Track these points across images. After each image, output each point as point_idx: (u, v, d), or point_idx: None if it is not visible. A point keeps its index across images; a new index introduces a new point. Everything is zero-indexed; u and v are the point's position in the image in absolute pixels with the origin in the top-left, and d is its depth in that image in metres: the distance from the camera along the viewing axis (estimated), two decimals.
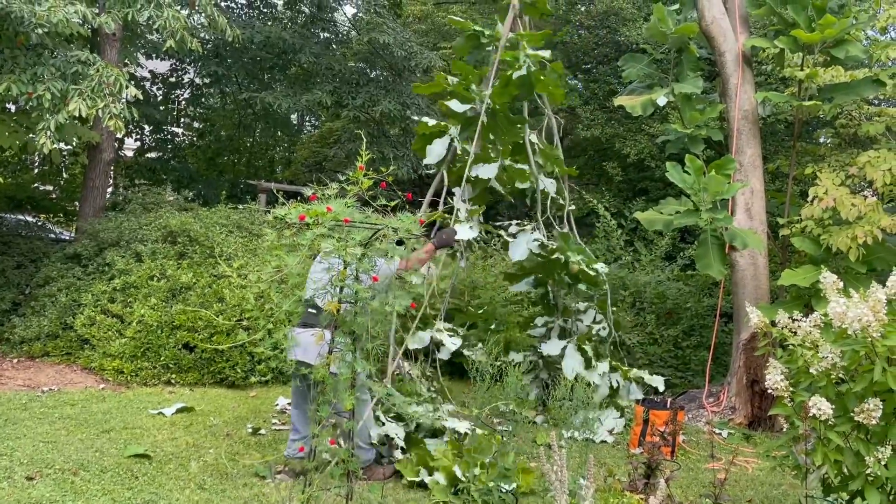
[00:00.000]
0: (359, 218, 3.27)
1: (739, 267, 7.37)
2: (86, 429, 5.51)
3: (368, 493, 3.84)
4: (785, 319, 3.80)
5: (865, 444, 3.48)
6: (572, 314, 7.14)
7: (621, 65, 8.34)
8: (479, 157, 6.39)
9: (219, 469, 4.77)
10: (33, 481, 4.35)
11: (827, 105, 7.30)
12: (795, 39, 7.17)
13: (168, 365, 7.29)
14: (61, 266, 8.72)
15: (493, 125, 6.47)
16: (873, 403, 3.42)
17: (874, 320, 3.35)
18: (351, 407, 3.16)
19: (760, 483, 5.34)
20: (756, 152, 7.61)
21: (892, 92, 7.45)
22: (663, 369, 8.48)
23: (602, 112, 13.69)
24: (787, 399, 3.72)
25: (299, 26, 14.37)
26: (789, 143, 9.66)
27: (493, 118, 6.41)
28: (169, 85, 15.34)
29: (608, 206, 11.85)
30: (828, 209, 6.53)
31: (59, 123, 7.12)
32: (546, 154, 7.01)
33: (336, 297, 3.23)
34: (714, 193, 6.74)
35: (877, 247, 6.42)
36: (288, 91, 13.33)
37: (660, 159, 12.15)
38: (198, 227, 8.50)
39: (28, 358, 7.90)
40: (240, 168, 17.20)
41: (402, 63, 13.51)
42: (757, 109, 7.75)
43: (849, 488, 3.54)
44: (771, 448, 5.68)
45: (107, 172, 10.33)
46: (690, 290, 9.60)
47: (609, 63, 14.09)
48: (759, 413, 7.08)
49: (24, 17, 6.91)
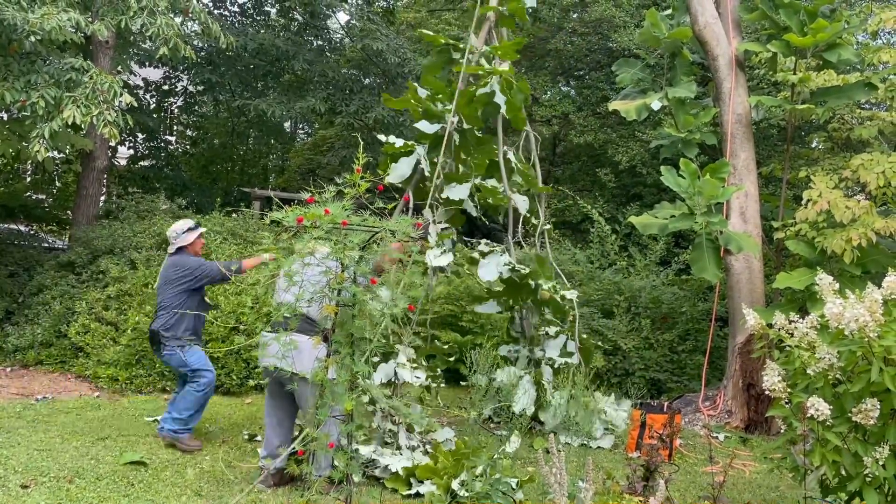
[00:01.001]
0: (356, 221, 3.27)
1: (734, 270, 7.39)
2: (81, 437, 5.47)
3: (367, 497, 3.82)
4: (782, 321, 3.80)
5: (863, 444, 3.49)
6: (541, 341, 6.73)
7: (615, 70, 8.36)
8: (450, 176, 6.13)
9: (215, 475, 4.75)
10: (28, 489, 4.31)
11: (820, 109, 7.34)
12: (788, 43, 7.22)
13: (163, 372, 7.25)
14: (55, 274, 8.68)
15: (465, 143, 6.23)
16: (871, 404, 3.42)
17: (871, 321, 3.36)
18: (350, 408, 3.15)
19: (758, 486, 5.34)
20: (750, 156, 7.65)
21: (883, 95, 7.49)
22: (659, 374, 8.49)
23: (595, 118, 13.73)
24: (785, 401, 3.73)
25: (292, 33, 14.38)
26: (782, 147, 9.71)
27: (464, 136, 6.19)
28: (162, 93, 15.31)
29: (602, 212, 11.87)
30: (822, 212, 6.55)
31: (53, 131, 7.11)
32: (522, 172, 6.74)
33: (334, 300, 3.22)
34: (709, 197, 6.75)
35: (871, 249, 6.45)
36: (281, 98, 13.32)
37: (652, 166, 12.19)
38: None
39: (22, 366, 7.85)
40: (233, 176, 17.18)
41: (396, 70, 13.53)
42: (750, 113, 7.79)
43: (847, 489, 3.54)
44: (768, 450, 5.68)
45: (100, 180, 10.30)
46: (686, 294, 9.62)
47: (602, 69, 14.15)
48: (755, 416, 7.09)
49: (18, 24, 6.90)
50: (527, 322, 6.77)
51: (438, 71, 6.36)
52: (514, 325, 6.89)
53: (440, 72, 6.40)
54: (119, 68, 10.09)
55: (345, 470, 3.25)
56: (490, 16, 6.57)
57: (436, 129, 6.10)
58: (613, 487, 3.97)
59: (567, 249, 11.15)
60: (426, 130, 6.06)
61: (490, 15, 6.56)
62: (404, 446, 5.09)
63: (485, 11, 6.54)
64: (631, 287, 9.55)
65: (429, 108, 6.03)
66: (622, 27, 13.09)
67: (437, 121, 6.12)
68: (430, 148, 6.11)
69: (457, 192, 6.06)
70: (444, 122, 6.08)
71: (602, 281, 9.87)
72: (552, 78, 14.85)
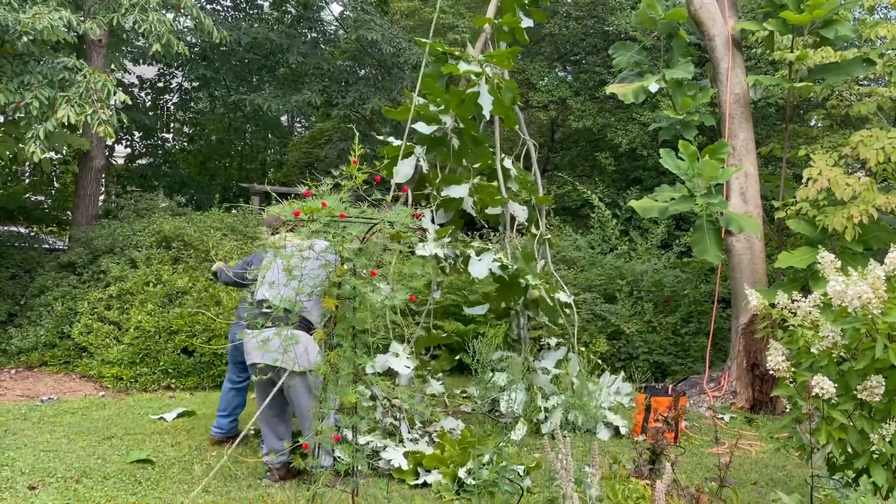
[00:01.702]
0: (354, 213, 3.25)
1: (736, 251, 7.37)
2: (87, 436, 5.48)
3: (374, 489, 3.82)
4: (784, 300, 3.79)
5: (869, 421, 3.48)
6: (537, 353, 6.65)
7: (612, 53, 8.31)
8: (448, 178, 6.22)
9: (222, 472, 4.75)
10: (35, 491, 4.32)
11: (818, 86, 7.30)
12: (784, 21, 7.17)
13: (167, 370, 7.27)
14: (56, 275, 8.68)
15: (463, 146, 6.27)
16: (876, 380, 3.42)
17: (874, 297, 3.35)
18: (355, 401, 3.14)
19: (764, 465, 5.34)
20: (749, 136, 7.61)
21: (882, 71, 7.44)
22: (663, 357, 8.48)
23: (593, 102, 13.66)
24: (789, 380, 3.72)
25: (286, 26, 14.31)
26: (781, 127, 9.67)
27: (461, 139, 6.24)
28: (157, 90, 15.27)
29: (602, 197, 11.84)
30: (822, 190, 6.53)
31: (48, 131, 7.08)
32: (521, 180, 6.76)
33: (335, 293, 3.21)
34: (708, 178, 6.73)
35: (872, 226, 6.42)
36: (277, 92, 13.27)
37: (652, 148, 12.15)
38: (192, 232, 8.47)
39: (26, 368, 7.86)
40: (231, 171, 17.14)
41: (391, 60, 13.47)
42: (748, 93, 7.74)
43: (854, 466, 3.54)
44: (774, 430, 5.67)
45: (98, 180, 10.28)
46: (687, 276, 9.60)
47: (598, 53, 14.06)
48: (760, 396, 7.09)
49: (9, 25, 6.86)
50: (524, 331, 6.75)
51: (437, 79, 6.42)
52: (512, 331, 6.89)
53: (438, 80, 6.46)
54: (113, 67, 10.03)
55: (351, 462, 3.25)
56: (486, 29, 6.69)
57: (431, 129, 6.13)
58: (620, 471, 3.97)
59: (568, 235, 11.14)
60: (423, 132, 6.09)
61: (486, 28, 6.69)
62: (407, 439, 5.09)
63: (480, 24, 6.72)
64: (633, 271, 9.54)
65: (427, 111, 6.07)
66: (618, 9, 13.01)
67: (435, 123, 6.15)
68: (428, 149, 6.16)
69: (455, 191, 6.14)
70: (440, 124, 6.13)
71: (604, 266, 9.86)
72: (549, 63, 14.77)
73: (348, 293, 3.24)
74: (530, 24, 6.87)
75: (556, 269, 9.68)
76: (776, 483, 4.89)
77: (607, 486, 3.59)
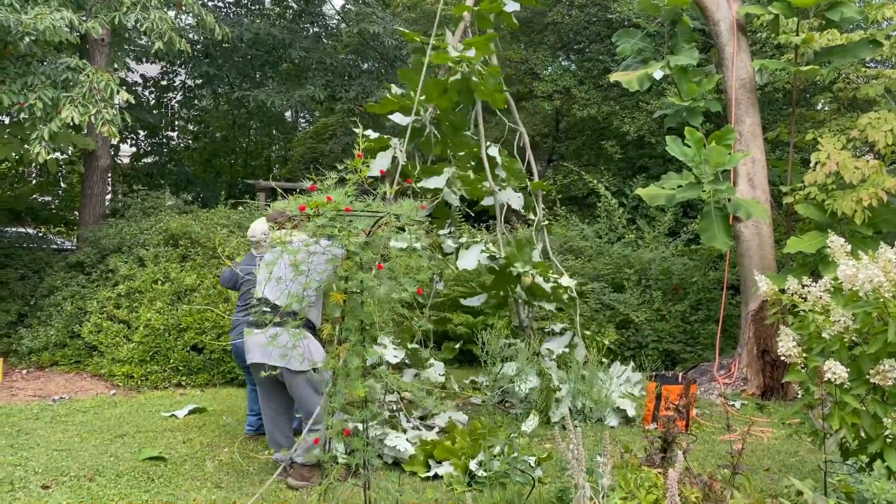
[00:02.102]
0: (359, 207, 3.24)
1: (744, 238, 7.33)
2: (99, 435, 5.51)
3: (386, 482, 3.82)
4: (794, 286, 3.76)
5: (882, 405, 3.45)
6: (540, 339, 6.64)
7: (615, 41, 8.26)
8: (427, 169, 6.16)
9: (235, 467, 4.77)
10: (49, 490, 4.34)
11: (824, 69, 7.24)
12: (789, 4, 7.10)
13: (178, 367, 7.29)
14: (65, 275, 8.71)
15: (443, 135, 6.25)
16: (888, 364, 3.39)
17: (885, 280, 3.31)
18: (364, 394, 3.14)
19: (777, 451, 5.32)
20: (755, 121, 7.56)
21: (889, 52, 7.38)
22: (673, 345, 8.46)
23: (597, 91, 13.59)
24: (801, 365, 3.69)
25: (288, 21, 14.30)
26: (788, 111, 9.60)
27: (439, 128, 6.20)
28: (161, 88, 15.28)
29: (608, 186, 11.79)
30: (831, 174, 6.48)
31: (52, 132, 7.09)
32: (508, 168, 6.69)
33: (342, 288, 3.20)
34: (715, 165, 6.68)
35: (882, 209, 6.38)
36: (280, 88, 13.27)
37: (659, 135, 12.08)
38: (198, 229, 8.48)
39: (37, 368, 7.90)
40: (237, 168, 17.16)
41: (394, 52, 13.45)
42: (754, 78, 7.68)
43: (868, 451, 3.52)
44: (786, 416, 5.66)
45: (104, 179, 10.30)
46: (696, 264, 9.56)
47: (602, 41, 13.97)
48: (771, 382, 7.06)
49: (11, 26, 6.86)
50: (528, 319, 6.74)
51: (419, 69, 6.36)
52: (514, 320, 6.87)
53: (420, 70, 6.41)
54: (116, 66, 10.04)
55: (362, 455, 3.25)
56: (466, 16, 6.64)
57: (409, 120, 6.08)
58: (631, 460, 3.95)
59: (575, 225, 11.10)
60: (400, 122, 6.06)
61: (466, 16, 6.63)
62: (409, 427, 5.12)
63: (459, 12, 6.65)
64: (640, 259, 9.51)
65: (403, 102, 6.03)
66: None
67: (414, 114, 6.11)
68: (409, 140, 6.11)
69: (433, 182, 6.07)
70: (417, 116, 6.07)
71: (611, 255, 9.82)
72: (552, 52, 14.69)
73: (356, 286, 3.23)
74: (516, 7, 6.76)
75: (564, 259, 9.67)
76: (789, 469, 4.87)
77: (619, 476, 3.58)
